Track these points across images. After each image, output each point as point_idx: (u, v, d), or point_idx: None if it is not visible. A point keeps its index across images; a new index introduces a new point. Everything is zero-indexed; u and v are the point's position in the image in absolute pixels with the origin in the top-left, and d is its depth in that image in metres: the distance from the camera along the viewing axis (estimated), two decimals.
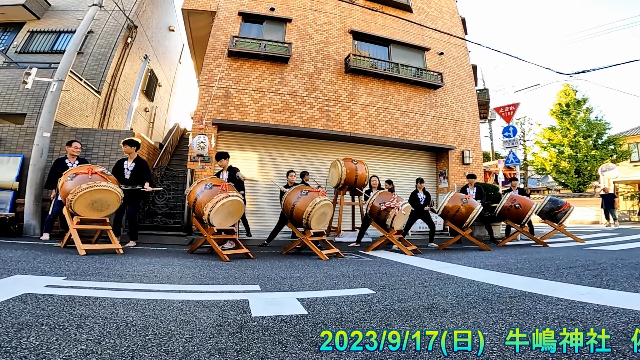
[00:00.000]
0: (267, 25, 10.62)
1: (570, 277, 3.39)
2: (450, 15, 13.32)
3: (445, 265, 4.42)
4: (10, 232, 5.94)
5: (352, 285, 3.09)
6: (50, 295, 2.19)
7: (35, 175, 6.54)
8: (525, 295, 2.62)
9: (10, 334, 1.50)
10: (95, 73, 11.15)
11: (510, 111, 10.97)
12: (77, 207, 4.30)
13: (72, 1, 12.53)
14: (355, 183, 7.88)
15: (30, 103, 8.93)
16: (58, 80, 7.07)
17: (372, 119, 10.45)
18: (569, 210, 7.16)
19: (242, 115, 9.27)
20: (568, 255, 5.14)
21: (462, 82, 12.22)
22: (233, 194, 4.65)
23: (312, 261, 4.65)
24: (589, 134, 21.85)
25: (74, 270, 3.13)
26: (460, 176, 10.82)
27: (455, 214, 6.42)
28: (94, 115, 11.00)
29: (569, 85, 23.07)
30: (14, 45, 11.65)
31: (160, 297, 2.37)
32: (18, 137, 7.39)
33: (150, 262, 3.88)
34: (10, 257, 3.57)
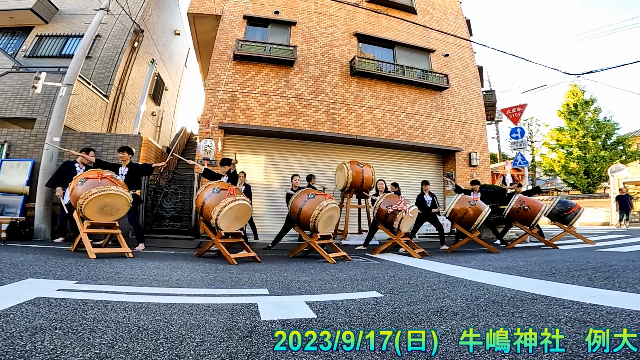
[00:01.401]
0: (272, 29, 10.69)
1: (582, 279, 3.35)
2: (455, 17, 13.28)
3: (453, 268, 4.39)
4: (21, 236, 6.03)
5: (360, 288, 3.08)
6: (63, 299, 2.21)
7: (45, 180, 6.62)
8: (536, 297, 2.59)
9: (25, 338, 1.52)
10: (103, 77, 11.24)
11: (517, 112, 10.87)
12: (87, 212, 4.35)
13: (80, 5, 12.65)
14: (362, 186, 7.86)
15: (39, 108, 9.01)
16: (67, 85, 7.16)
17: (377, 121, 10.44)
18: (579, 211, 7.08)
19: (248, 118, 9.32)
20: (579, 257, 5.08)
21: (468, 83, 12.17)
22: (240, 197, 4.67)
23: (319, 264, 4.65)
24: (597, 135, 21.59)
25: (85, 274, 3.17)
26: (468, 178, 10.76)
27: (463, 216, 6.37)
28: (103, 119, 11.11)
29: (577, 86, 22.83)
30: (23, 50, 11.76)
31: (170, 300, 2.39)
32: (28, 142, 7.51)
33: (159, 266, 3.91)
34: (22, 261, 3.62)
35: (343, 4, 11.03)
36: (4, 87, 9.09)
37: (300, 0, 11.27)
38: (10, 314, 1.83)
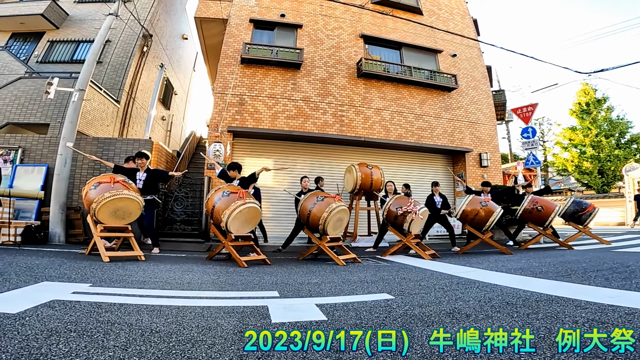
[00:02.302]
0: (278, 32, 10.75)
1: (598, 280, 3.28)
2: (462, 17, 13.19)
3: (465, 269, 4.34)
4: (36, 240, 6.15)
5: (370, 290, 3.06)
6: (78, 302, 2.24)
7: (59, 185, 6.74)
8: (552, 298, 2.54)
9: (40, 340, 1.54)
10: (114, 82, 11.41)
11: (528, 112, 10.72)
12: (100, 215, 4.42)
13: (89, 11, 12.87)
14: (371, 188, 7.83)
15: (52, 113, 9.16)
16: (79, 90, 7.28)
17: (386, 123, 10.40)
18: (594, 212, 6.95)
19: (257, 122, 9.37)
20: (594, 258, 4.97)
21: (477, 83, 12.06)
22: (250, 201, 4.69)
23: (329, 267, 4.63)
24: (611, 133, 21.23)
25: (99, 277, 3.21)
26: (479, 179, 10.64)
27: (474, 217, 6.29)
28: (114, 124, 11.29)
29: (588, 84, 22.50)
30: (35, 55, 12.00)
31: (182, 303, 2.41)
32: (42, 147, 7.65)
33: (171, 269, 3.94)
34: (37, 264, 3.68)
35: (348, 6, 11.05)
36: (18, 92, 9.28)
37: (305, 3, 11.32)
38: (26, 317, 1.86)
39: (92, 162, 7.45)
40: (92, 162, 7.44)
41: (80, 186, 7.05)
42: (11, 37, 12.59)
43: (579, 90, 22.91)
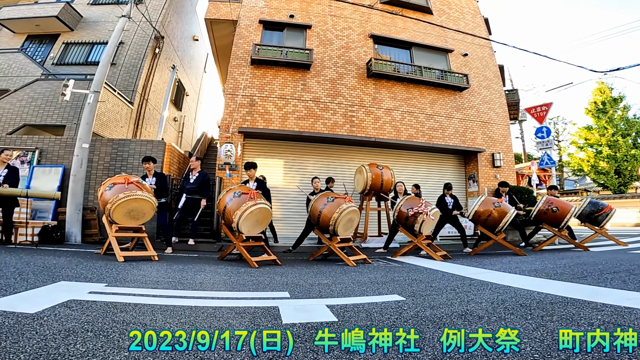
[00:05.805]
0: (288, 32, 10.79)
1: (615, 282, 3.20)
2: (472, 16, 13.03)
3: (478, 270, 4.28)
4: (53, 240, 6.29)
5: (381, 291, 3.05)
6: (94, 302, 2.29)
7: (76, 185, 6.88)
8: (567, 301, 2.50)
9: (58, 340, 1.56)
10: (127, 84, 11.59)
11: (542, 111, 10.52)
12: (115, 216, 4.50)
13: (102, 13, 13.07)
14: (381, 188, 7.81)
15: (68, 114, 9.30)
16: (94, 92, 7.42)
17: (396, 123, 10.34)
18: (611, 212, 6.79)
19: (267, 122, 9.42)
20: (611, 260, 4.86)
21: (489, 83, 11.89)
22: (261, 201, 4.72)
23: (339, 267, 4.63)
24: (627, 133, 20.73)
25: (114, 276, 3.27)
26: (491, 179, 10.50)
27: (487, 218, 6.21)
28: (128, 125, 11.47)
29: (604, 83, 22.02)
30: (51, 57, 12.23)
31: (195, 303, 2.44)
32: (59, 149, 7.82)
33: (183, 269, 3.99)
34: (54, 264, 3.77)
35: (357, 6, 11.02)
36: (34, 94, 9.47)
37: (314, 4, 11.33)
38: (43, 317, 1.90)
39: (107, 164, 7.64)
40: (106, 164, 7.63)
41: (96, 187, 7.21)
42: (27, 39, 12.84)
43: (595, 89, 22.45)
